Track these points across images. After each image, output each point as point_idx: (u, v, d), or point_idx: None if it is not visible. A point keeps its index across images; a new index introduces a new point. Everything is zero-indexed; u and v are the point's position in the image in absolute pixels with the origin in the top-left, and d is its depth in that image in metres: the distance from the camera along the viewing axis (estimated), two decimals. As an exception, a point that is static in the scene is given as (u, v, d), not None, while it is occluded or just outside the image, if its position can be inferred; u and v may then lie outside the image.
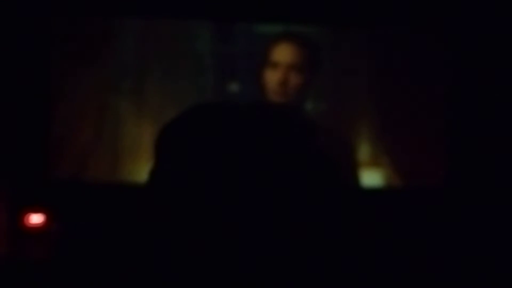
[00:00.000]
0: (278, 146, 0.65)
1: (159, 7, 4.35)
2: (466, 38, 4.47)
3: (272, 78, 4.29)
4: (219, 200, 0.63)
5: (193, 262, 0.64)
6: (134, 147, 4.38)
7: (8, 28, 4.16)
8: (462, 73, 4.49)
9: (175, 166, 0.66)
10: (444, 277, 3.96)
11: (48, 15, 4.25)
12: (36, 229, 4.09)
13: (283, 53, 4.34)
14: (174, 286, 0.65)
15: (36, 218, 4.11)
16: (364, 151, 4.54)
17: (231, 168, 0.64)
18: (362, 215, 3.97)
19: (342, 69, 4.53)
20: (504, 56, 4.41)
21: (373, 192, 4.36)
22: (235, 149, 0.64)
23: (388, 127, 4.57)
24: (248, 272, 0.63)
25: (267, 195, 0.63)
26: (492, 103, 4.41)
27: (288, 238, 0.63)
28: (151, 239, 0.67)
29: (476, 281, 3.88)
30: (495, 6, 4.34)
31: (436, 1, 4.43)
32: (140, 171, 4.28)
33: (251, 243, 0.62)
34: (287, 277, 0.64)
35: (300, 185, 0.64)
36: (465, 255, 4.11)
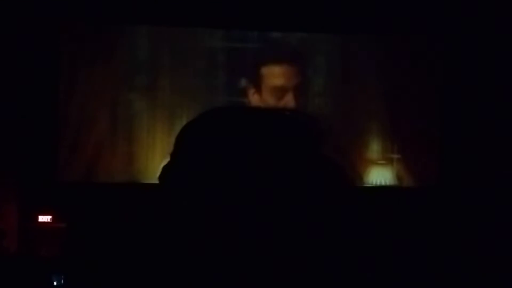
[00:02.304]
0: (292, 150, 0.70)
1: (172, 16, 4.40)
2: (466, 38, 4.50)
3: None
4: (231, 199, 0.68)
5: (198, 260, 0.67)
6: (146, 146, 4.41)
7: (19, 30, 4.19)
8: (460, 73, 4.52)
9: (190, 164, 0.70)
10: (441, 274, 3.97)
11: (57, 16, 4.29)
12: (45, 228, 4.16)
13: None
14: (183, 283, 0.69)
15: (45, 218, 4.19)
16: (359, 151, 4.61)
17: (245, 169, 0.68)
18: (360, 214, 3.99)
19: (342, 71, 4.61)
20: (503, 56, 4.44)
21: (369, 191, 4.40)
22: (249, 151, 0.69)
23: (383, 127, 4.62)
24: (256, 269, 0.66)
25: (279, 196, 0.67)
26: (489, 104, 4.44)
27: (299, 237, 0.67)
28: (159, 237, 0.70)
29: (474, 278, 3.89)
30: (494, 7, 4.36)
31: (436, 1, 4.46)
32: (153, 170, 4.29)
33: (262, 239, 0.66)
34: (295, 275, 0.67)
35: (314, 187, 0.68)
36: (462, 253, 4.13)
